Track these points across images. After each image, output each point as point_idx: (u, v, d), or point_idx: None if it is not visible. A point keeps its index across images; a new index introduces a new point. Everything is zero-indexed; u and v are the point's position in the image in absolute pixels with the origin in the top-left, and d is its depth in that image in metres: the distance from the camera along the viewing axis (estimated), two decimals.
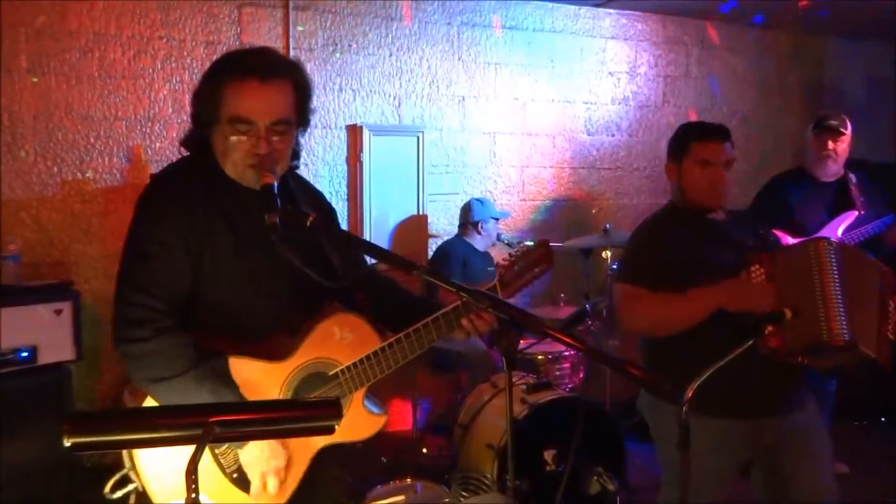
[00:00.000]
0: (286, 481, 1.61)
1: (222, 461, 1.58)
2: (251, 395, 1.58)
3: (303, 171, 1.91)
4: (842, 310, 1.95)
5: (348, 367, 1.64)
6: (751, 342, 1.65)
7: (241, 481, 1.58)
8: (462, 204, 4.40)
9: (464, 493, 2.73)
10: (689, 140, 2.20)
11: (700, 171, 2.15)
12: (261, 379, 1.60)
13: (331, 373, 1.64)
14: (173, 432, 1.07)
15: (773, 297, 1.98)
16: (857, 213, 3.52)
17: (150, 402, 1.56)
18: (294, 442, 1.61)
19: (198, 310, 1.60)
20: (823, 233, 3.51)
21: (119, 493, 1.57)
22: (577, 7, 4.98)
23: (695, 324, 2.02)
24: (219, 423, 1.06)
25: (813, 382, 3.83)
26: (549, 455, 3.01)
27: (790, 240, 3.43)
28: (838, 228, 3.51)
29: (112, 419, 1.14)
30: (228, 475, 1.58)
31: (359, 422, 1.67)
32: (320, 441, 1.64)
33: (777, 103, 5.61)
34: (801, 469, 2.15)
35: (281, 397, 1.60)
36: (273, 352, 1.62)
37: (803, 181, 3.66)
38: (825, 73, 5.82)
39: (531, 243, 1.87)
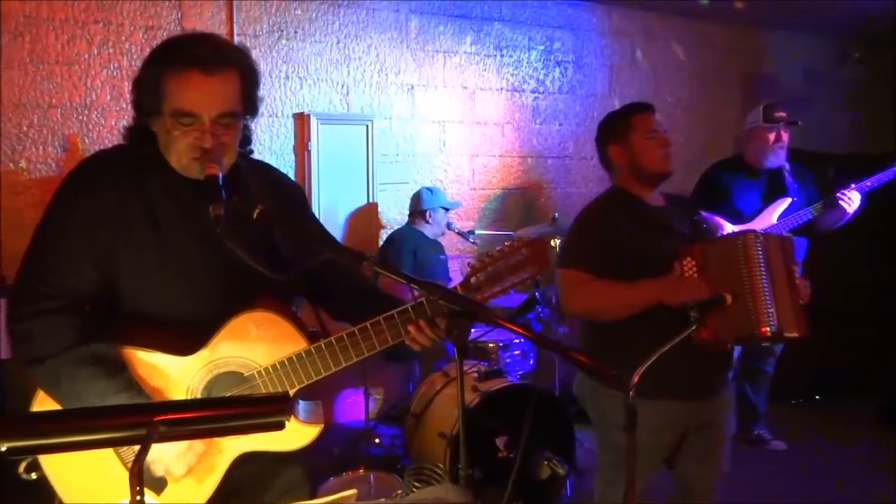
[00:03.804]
0: (199, 483, 1.54)
1: (123, 457, 1.52)
2: (154, 389, 1.51)
3: None
4: (768, 302, 2.00)
5: (266, 370, 1.53)
6: (693, 328, 1.69)
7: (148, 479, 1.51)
8: (412, 193, 4.39)
9: (416, 484, 2.74)
10: (631, 116, 2.29)
11: (651, 142, 2.24)
12: (164, 373, 1.52)
13: (246, 374, 1.54)
14: (116, 433, 1.04)
15: (707, 290, 2.02)
16: (790, 199, 3.66)
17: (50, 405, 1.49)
18: (209, 446, 1.54)
19: (119, 302, 1.54)
20: (759, 218, 3.64)
21: (35, 475, 1.51)
22: None
23: (636, 312, 2.09)
24: (163, 422, 1.03)
25: (752, 364, 4.00)
26: (500, 442, 3.05)
27: (729, 226, 3.54)
28: (773, 214, 3.65)
29: (49, 421, 1.10)
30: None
31: (285, 430, 1.60)
32: (238, 448, 1.55)
33: (717, 94, 5.76)
34: (714, 454, 2.29)
35: (189, 395, 1.52)
36: (180, 345, 1.53)
37: (741, 169, 3.80)
38: (763, 64, 6.00)
39: (513, 240, 1.53)
